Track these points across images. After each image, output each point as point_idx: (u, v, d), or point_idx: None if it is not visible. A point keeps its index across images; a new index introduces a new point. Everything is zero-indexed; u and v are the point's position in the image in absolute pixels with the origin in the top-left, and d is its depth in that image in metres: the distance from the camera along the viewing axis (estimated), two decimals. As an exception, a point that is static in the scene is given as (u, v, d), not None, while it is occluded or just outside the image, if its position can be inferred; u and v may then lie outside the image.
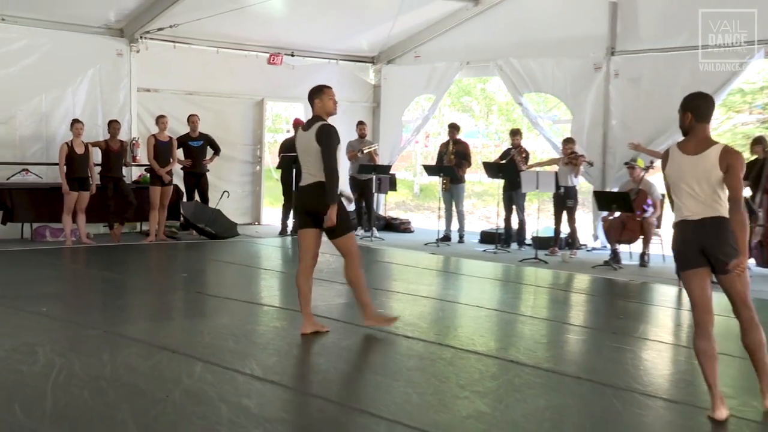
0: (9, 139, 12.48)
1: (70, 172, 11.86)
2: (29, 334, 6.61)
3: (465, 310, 8.37)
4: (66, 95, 12.97)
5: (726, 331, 7.91)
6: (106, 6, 12.94)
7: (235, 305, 8.28)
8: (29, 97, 12.65)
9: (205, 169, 13.67)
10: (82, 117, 12.45)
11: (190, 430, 4.52)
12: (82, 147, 11.99)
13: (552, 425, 4.85)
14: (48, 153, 12.64)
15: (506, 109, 24.82)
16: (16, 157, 12.41)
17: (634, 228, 11.66)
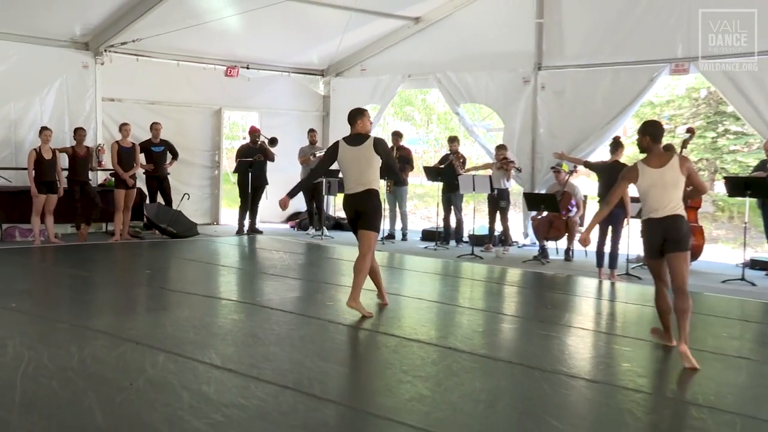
0: (-21, 146, 12.24)
1: (39, 177, 11.66)
2: (1, 329, 6.48)
3: (408, 302, 8.40)
4: (34, 104, 12.74)
5: (640, 319, 8.10)
6: (72, 21, 12.74)
7: (195, 299, 8.21)
8: (0, 104, 12.39)
9: (166, 173, 13.54)
10: (49, 124, 12.23)
11: (153, 416, 4.47)
12: (50, 153, 11.80)
13: (487, 405, 4.90)
14: (17, 158, 12.41)
15: (445, 118, 24.94)
16: (-11, 160, 12.18)
17: (559, 226, 11.82)
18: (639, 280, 10.02)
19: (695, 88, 19.57)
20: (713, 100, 19.23)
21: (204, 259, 11.45)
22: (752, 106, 11.18)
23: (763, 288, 9.77)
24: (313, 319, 7.20)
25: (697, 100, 20.05)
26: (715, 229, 17.09)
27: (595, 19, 12.73)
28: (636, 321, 8.09)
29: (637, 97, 12.46)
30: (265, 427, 4.35)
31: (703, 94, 19.66)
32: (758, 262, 11.19)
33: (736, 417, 4.75)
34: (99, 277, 10.00)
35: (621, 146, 10.39)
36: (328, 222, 15.06)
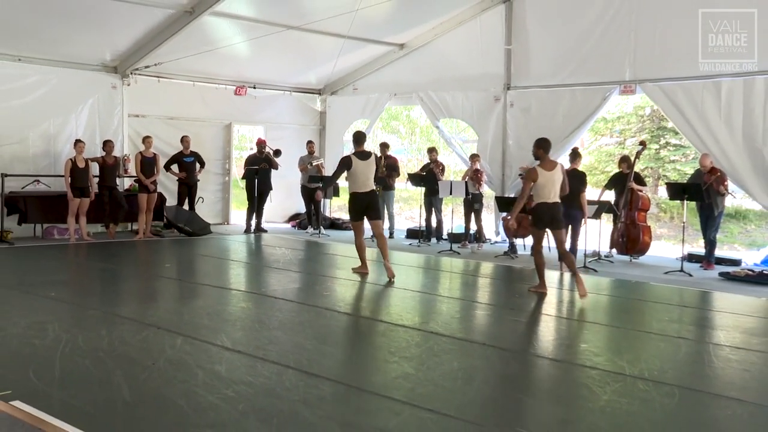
0: (23, 156, 12.13)
1: (74, 183, 11.62)
2: (41, 314, 6.44)
3: (395, 292, 8.40)
4: (70, 120, 12.67)
5: (596, 305, 8.12)
6: (103, 48, 12.67)
7: (208, 290, 8.17)
8: (40, 121, 12.32)
9: (196, 180, 13.52)
10: (83, 138, 12.19)
11: (172, 391, 4.45)
12: (83, 162, 11.75)
13: (464, 382, 4.90)
14: (55, 167, 12.32)
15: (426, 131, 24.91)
16: (29, 170, 12.06)
17: (527, 225, 11.78)
18: (595, 272, 10.05)
19: (641, 106, 19.66)
20: (656, 116, 19.33)
21: (216, 254, 11.41)
22: (688, 123, 11.24)
23: (698, 278, 9.84)
24: (312, 307, 7.19)
25: (643, 116, 20.14)
26: (659, 228, 17.18)
27: (556, 46, 12.77)
28: (592, 307, 8.11)
29: (592, 114, 12.51)
30: (271, 402, 4.33)
31: (648, 111, 19.76)
32: (694, 255, 11.28)
33: (675, 389, 4.79)
34: (125, 270, 9.95)
35: (579, 156, 10.43)
36: (325, 222, 15.02)
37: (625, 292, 8.96)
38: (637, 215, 11.29)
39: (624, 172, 11.36)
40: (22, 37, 11.49)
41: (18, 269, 9.44)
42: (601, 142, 21.10)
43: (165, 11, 11.59)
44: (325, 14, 12.00)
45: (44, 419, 3.89)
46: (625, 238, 11.36)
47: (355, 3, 11.74)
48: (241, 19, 12.31)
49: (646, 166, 19.32)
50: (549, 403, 4.60)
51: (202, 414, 4.08)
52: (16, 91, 12.01)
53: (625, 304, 8.37)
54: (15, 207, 11.68)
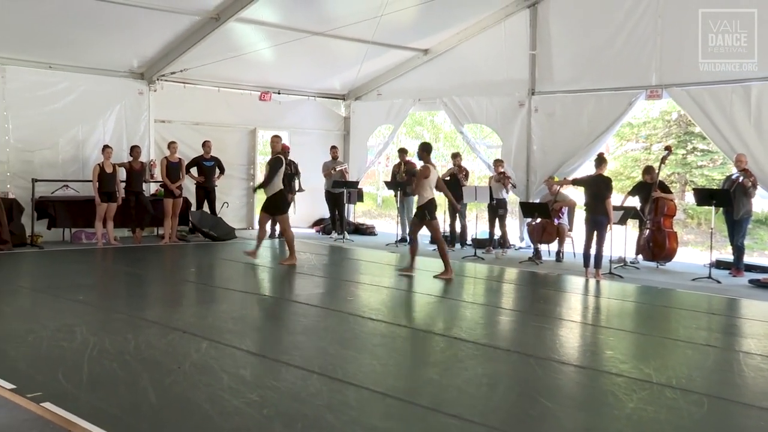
0: (53, 161, 12.32)
1: (101, 187, 11.75)
2: (69, 317, 6.52)
3: (419, 298, 8.39)
4: (98, 126, 12.84)
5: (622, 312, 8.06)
6: (130, 55, 12.84)
7: (233, 294, 8.23)
8: (69, 127, 12.50)
9: (214, 185, 13.62)
10: (110, 143, 12.35)
11: (197, 395, 4.48)
12: (111, 167, 11.89)
13: (488, 388, 4.88)
14: (83, 172, 12.49)
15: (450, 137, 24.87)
16: (58, 175, 12.25)
17: (551, 231, 11.77)
18: (620, 279, 9.96)
19: (668, 111, 19.46)
20: (683, 121, 19.12)
21: (241, 259, 11.46)
22: (716, 128, 11.11)
23: (726, 285, 9.70)
24: (336, 312, 7.20)
25: (669, 121, 19.93)
26: (686, 234, 16.98)
27: (581, 50, 12.69)
28: (618, 314, 8.05)
29: (617, 119, 12.41)
30: (295, 407, 4.35)
31: (675, 116, 19.55)
32: (722, 262, 11.11)
33: (704, 397, 4.73)
34: (151, 275, 10.05)
35: (604, 161, 10.35)
36: (349, 227, 15.05)
37: (651, 299, 8.86)
38: (664, 221, 11.17)
39: (648, 182, 11.25)
40: (53, 44, 11.69)
41: (47, 273, 9.58)
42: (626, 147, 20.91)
43: (191, 18, 11.71)
44: (350, 20, 12.05)
45: (73, 421, 3.93)
46: (651, 244, 11.25)
47: (379, 9, 11.77)
48: (266, 26, 12.40)
49: (673, 171, 19.11)
50: (574, 410, 4.56)
51: (227, 418, 4.11)
52: (47, 97, 12.22)
53: (651, 310, 8.28)
54: (45, 212, 11.85)
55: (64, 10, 10.67)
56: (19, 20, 10.77)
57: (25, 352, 5.35)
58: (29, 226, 11.65)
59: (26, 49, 11.66)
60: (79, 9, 10.67)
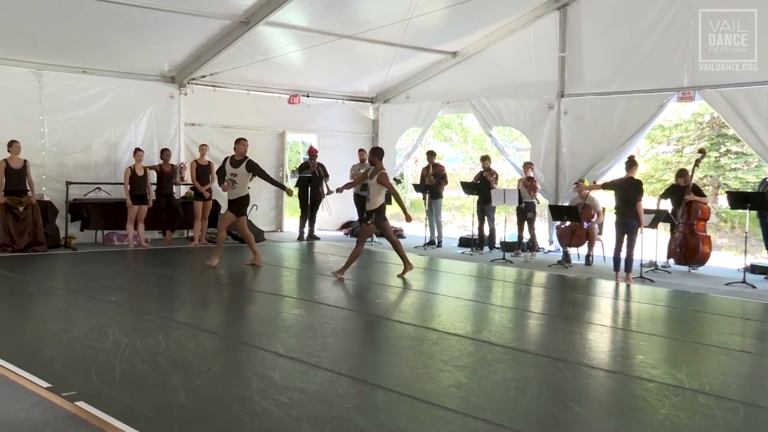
0: (86, 164, 12.53)
1: (132, 190, 11.92)
2: (102, 318, 6.61)
3: (447, 301, 8.37)
4: (130, 129, 13.03)
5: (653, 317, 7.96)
6: (161, 59, 13.01)
7: (262, 296, 8.28)
8: (102, 131, 12.70)
9: None
10: (141, 146, 12.51)
11: (227, 396, 4.52)
12: (142, 170, 12.06)
13: (517, 392, 4.85)
14: (115, 175, 12.67)
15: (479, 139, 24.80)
16: (91, 178, 12.44)
17: (581, 234, 11.67)
18: (651, 283, 9.84)
19: (700, 113, 19.19)
20: (716, 123, 18.84)
21: (269, 261, 11.53)
22: (750, 130, 10.93)
23: (762, 290, 9.52)
24: (364, 315, 7.22)
25: (702, 123, 19.66)
26: (719, 238, 16.71)
27: (611, 52, 12.57)
28: (649, 318, 7.95)
29: (648, 121, 12.27)
30: (324, 409, 4.36)
31: (707, 118, 19.28)
32: (757, 267, 10.92)
33: (739, 404, 4.64)
34: (181, 276, 10.15)
35: (635, 164, 10.24)
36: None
37: (683, 303, 8.75)
38: (697, 224, 11.02)
39: (681, 185, 11.12)
40: (88, 49, 11.89)
41: (80, 274, 9.74)
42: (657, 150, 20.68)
43: (221, 22, 11.82)
44: (378, 23, 12.08)
45: (106, 420, 3.99)
46: (683, 248, 11.10)
47: (408, 11, 11.78)
48: (294, 29, 12.47)
49: (706, 174, 18.85)
50: (604, 415, 4.51)
51: (256, 419, 4.13)
52: (81, 101, 12.44)
53: (683, 315, 8.17)
54: (78, 214, 12.05)
55: (98, 16, 10.83)
56: (55, 26, 10.99)
57: (60, 352, 5.44)
58: (63, 228, 11.85)
59: (61, 54, 11.88)
60: (113, 14, 10.83)
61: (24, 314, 7.17)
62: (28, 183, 11.17)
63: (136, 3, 10.56)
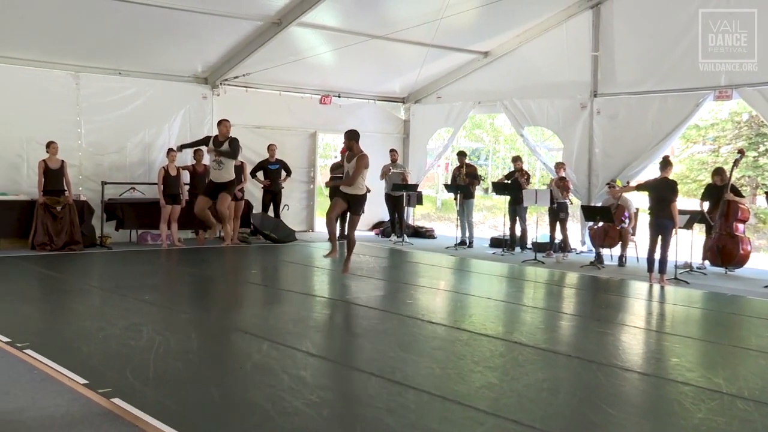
0: (121, 164, 12.71)
1: (166, 190, 12.05)
2: (136, 317, 6.70)
3: (478, 301, 8.34)
4: (163, 130, 13.19)
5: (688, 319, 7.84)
6: (194, 60, 13.15)
7: (293, 296, 8.33)
8: (136, 131, 12.88)
9: (280, 187, 13.83)
10: (175, 146, 12.63)
11: (259, 395, 4.55)
12: (175, 170, 12.19)
13: (549, 394, 4.81)
14: (150, 175, 12.82)
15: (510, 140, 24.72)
16: (126, 178, 12.60)
17: (614, 235, 11.54)
18: (686, 284, 9.69)
19: (737, 112, 18.86)
20: (755, 122, 18.50)
21: (301, 261, 11.61)
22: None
23: (802, 293, 9.32)
24: (395, 315, 7.22)
25: (740, 122, 19.31)
26: (757, 239, 16.41)
27: (645, 51, 12.39)
28: (684, 321, 7.84)
29: (683, 121, 12.08)
30: (354, 409, 4.37)
31: (745, 117, 18.93)
32: (798, 269, 10.70)
33: (779, 410, 4.55)
34: (213, 276, 10.25)
35: (670, 165, 10.09)
36: (408, 230, 15.06)
37: (719, 306, 8.60)
38: (735, 226, 10.83)
39: (717, 184, 10.93)
40: (123, 51, 12.08)
41: (115, 273, 9.88)
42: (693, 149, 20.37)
43: (254, 23, 11.92)
44: (410, 23, 12.07)
45: (141, 417, 4.04)
46: (720, 249, 10.91)
47: (439, 11, 11.76)
48: (326, 30, 12.52)
49: (744, 174, 18.52)
50: (638, 419, 4.45)
51: (288, 418, 4.15)
52: (117, 103, 12.63)
53: (719, 318, 8.03)
54: (113, 213, 12.22)
55: (134, 18, 10.99)
56: (92, 30, 11.18)
57: (96, 349, 5.52)
58: (99, 227, 12.04)
59: (98, 56, 12.08)
60: (148, 17, 10.98)
61: (62, 312, 7.31)
62: (65, 183, 11.39)
63: (171, 5, 10.69)
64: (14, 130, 11.63)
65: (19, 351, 5.35)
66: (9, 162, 11.67)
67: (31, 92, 11.76)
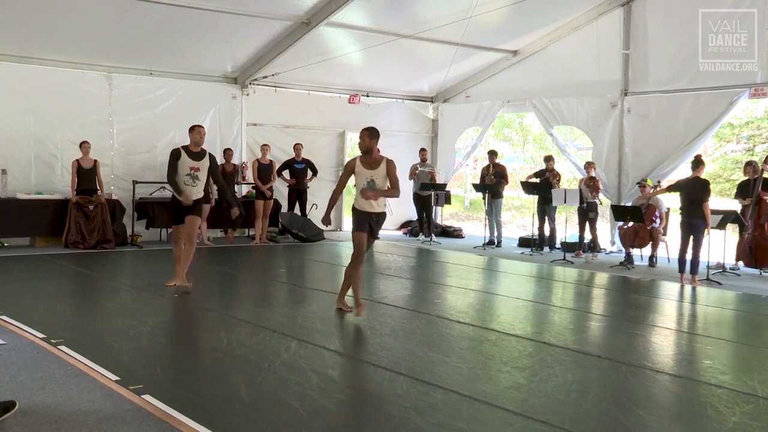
0: (151, 164, 12.85)
1: (196, 189, 12.13)
2: (166, 314, 6.78)
3: (506, 301, 8.29)
4: (194, 129, 13.29)
5: (720, 320, 7.71)
6: (224, 60, 13.26)
7: (321, 295, 8.35)
8: (167, 131, 13.00)
9: (306, 186, 13.88)
10: (204, 146, 12.67)
11: (287, 393, 4.57)
12: (205, 170, 12.27)
13: (578, 395, 4.77)
14: (180, 174, 12.93)
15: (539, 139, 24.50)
16: (156, 177, 12.71)
17: (644, 235, 11.40)
18: (719, 285, 9.54)
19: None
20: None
21: (329, 260, 11.63)
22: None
23: (839, 295, 9.13)
24: (423, 314, 7.20)
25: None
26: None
27: (677, 49, 12.22)
28: (716, 322, 7.72)
29: (717, 120, 11.89)
30: (382, 408, 4.37)
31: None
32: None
33: (814, 415, 4.46)
34: (242, 274, 10.32)
35: (702, 164, 9.95)
36: (436, 230, 15.03)
37: (753, 307, 8.45)
38: (767, 225, 10.64)
39: (751, 177, 10.76)
40: (155, 52, 12.23)
41: (146, 271, 10.00)
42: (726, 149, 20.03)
43: (283, 23, 11.98)
44: (438, 22, 12.04)
45: (171, 414, 4.09)
46: (754, 249, 10.72)
47: (468, 10, 11.72)
48: (355, 29, 12.54)
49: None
50: (670, 421, 4.39)
51: (316, 417, 4.17)
52: (148, 102, 12.79)
53: (754, 319, 7.89)
54: (144, 212, 12.37)
55: (165, 19, 11.12)
56: (125, 31, 11.32)
57: (127, 346, 5.59)
58: (130, 226, 12.19)
59: (130, 57, 12.24)
60: (178, 18, 11.10)
61: (94, 309, 7.41)
62: (98, 182, 11.55)
63: (201, 6, 10.79)
64: (49, 130, 11.83)
65: (53, 347, 5.44)
66: (43, 161, 11.87)
67: (65, 93, 11.95)
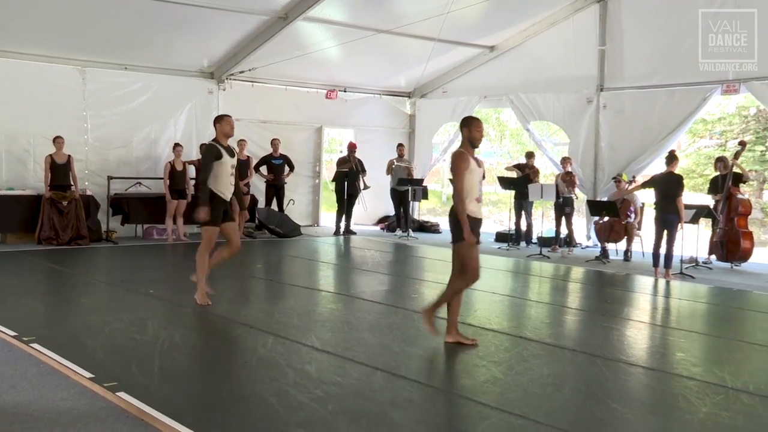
0: (127, 159, 12.74)
1: (172, 185, 12.07)
2: (141, 311, 6.72)
3: (483, 296, 8.32)
4: (169, 125, 13.20)
5: (693, 313, 7.81)
6: (200, 55, 13.15)
7: (298, 291, 8.33)
8: (142, 126, 12.90)
9: (283, 182, 13.82)
10: (181, 141, 12.66)
11: (264, 389, 4.56)
12: (181, 165, 12.20)
13: (554, 389, 4.81)
14: (155, 170, 12.84)
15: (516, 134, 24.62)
16: (132, 173, 12.63)
17: (619, 230, 11.52)
18: (692, 279, 9.67)
19: (745, 106, 18.76)
20: (762, 117, 18.41)
21: (306, 256, 11.61)
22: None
23: (809, 288, 9.29)
24: (400, 309, 7.21)
25: (747, 117, 19.21)
26: (764, 234, 16.34)
27: (653, 45, 12.36)
28: (689, 315, 7.82)
29: (690, 115, 12.04)
30: (359, 403, 4.37)
31: (753, 111, 18.84)
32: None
33: (784, 405, 4.53)
34: (218, 270, 10.20)
35: (675, 159, 10.07)
36: (413, 225, 15.06)
37: (724, 300, 8.57)
38: (738, 220, 10.79)
39: (721, 173, 10.92)
40: (129, 46, 12.08)
41: (121, 267, 9.91)
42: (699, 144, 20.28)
43: (260, 18, 11.91)
44: (416, 17, 12.05)
45: (146, 411, 4.05)
46: (725, 243, 10.88)
47: (445, 6, 11.72)
48: (332, 24, 12.50)
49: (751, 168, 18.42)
50: (644, 413, 4.44)
51: (293, 412, 4.16)
52: (123, 97, 12.64)
53: (725, 312, 8.01)
54: (119, 208, 12.25)
55: (139, 13, 11.00)
56: (98, 24, 11.18)
57: (102, 343, 5.54)
58: (105, 222, 12.07)
59: (104, 51, 12.09)
60: (153, 12, 10.99)
61: (68, 306, 7.33)
62: (71, 178, 11.41)
63: (176, 0, 10.68)
64: (21, 124, 11.67)
65: (25, 345, 5.38)
66: (16, 157, 11.71)
67: (37, 87, 11.78)
